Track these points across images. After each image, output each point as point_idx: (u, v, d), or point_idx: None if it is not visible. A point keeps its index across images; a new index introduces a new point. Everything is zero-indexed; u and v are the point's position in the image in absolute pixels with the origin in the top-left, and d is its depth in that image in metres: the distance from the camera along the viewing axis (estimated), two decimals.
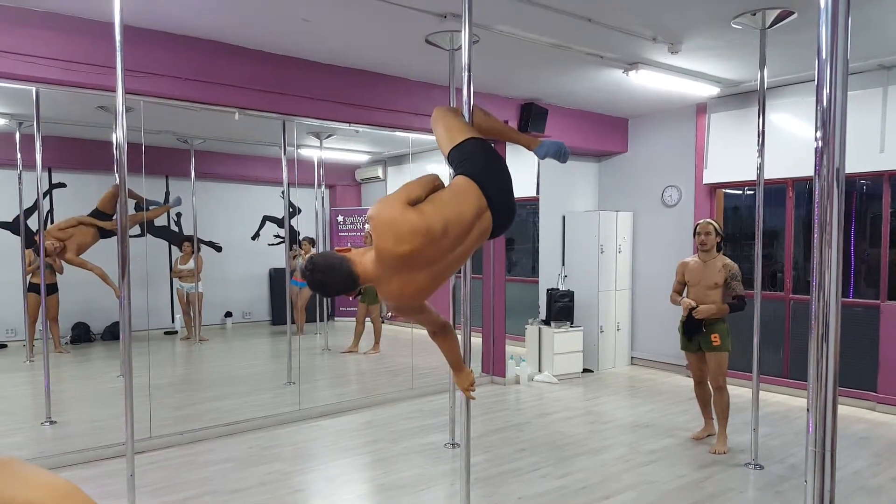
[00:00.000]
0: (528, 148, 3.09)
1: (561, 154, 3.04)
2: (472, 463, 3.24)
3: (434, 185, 2.51)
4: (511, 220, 2.68)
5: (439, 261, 2.39)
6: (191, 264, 7.32)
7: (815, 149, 1.61)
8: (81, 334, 7.13)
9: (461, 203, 2.45)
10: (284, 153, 6.34)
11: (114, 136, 3.55)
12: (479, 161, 2.59)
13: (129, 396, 3.48)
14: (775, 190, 6.72)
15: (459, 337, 2.97)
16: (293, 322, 7.15)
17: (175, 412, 5.48)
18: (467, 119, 2.94)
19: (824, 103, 1.60)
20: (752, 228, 4.54)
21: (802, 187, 6.66)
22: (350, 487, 4.15)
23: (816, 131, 1.61)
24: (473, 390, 2.97)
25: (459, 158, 2.61)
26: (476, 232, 2.49)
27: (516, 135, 3.17)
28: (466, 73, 3.02)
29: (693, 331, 4.84)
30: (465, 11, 3.02)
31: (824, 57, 1.59)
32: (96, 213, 6.50)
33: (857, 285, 6.42)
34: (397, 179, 8.87)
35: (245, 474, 4.29)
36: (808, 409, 1.61)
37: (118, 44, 3.46)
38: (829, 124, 1.59)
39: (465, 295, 3.41)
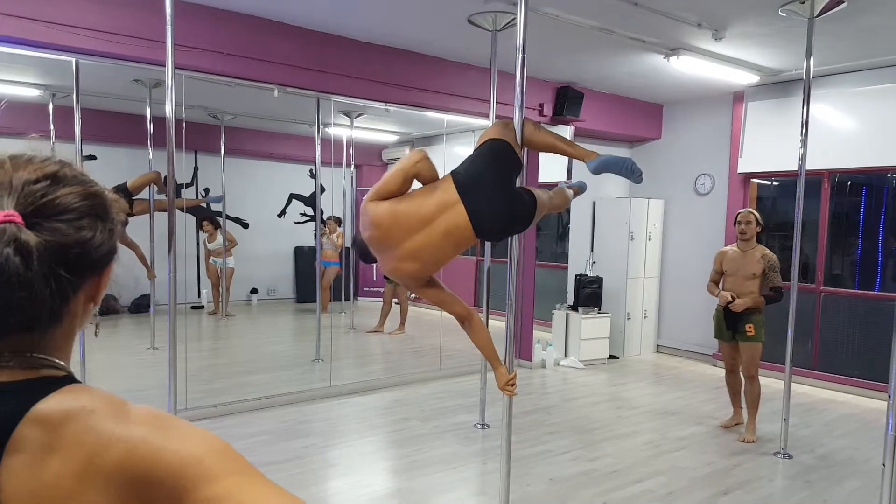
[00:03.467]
0: (582, 160, 3.04)
1: (628, 171, 2.93)
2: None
3: (411, 169, 2.65)
4: (503, 226, 2.77)
5: (397, 246, 2.66)
6: (219, 240, 7.36)
7: None
8: (109, 307, 7.20)
9: (425, 193, 2.67)
10: (318, 131, 6.34)
11: (147, 110, 3.61)
12: (478, 161, 2.74)
13: (172, 368, 3.55)
14: (809, 181, 6.61)
15: (494, 325, 3.01)
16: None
17: (207, 385, 5.56)
18: (518, 130, 2.94)
19: None
20: (780, 219, 4.50)
21: (838, 179, 6.57)
22: (384, 463, 4.21)
23: None
24: (512, 389, 2.99)
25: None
26: (442, 226, 2.61)
27: (570, 147, 3.10)
28: (521, 55, 3.01)
29: (732, 323, 4.83)
30: None
31: None
32: (124, 189, 6.54)
33: (884, 279, 6.38)
34: None
35: (280, 447, 4.36)
36: (889, 396, 1.62)
37: (169, 17, 3.48)
38: None
39: (509, 280, 3.42)
